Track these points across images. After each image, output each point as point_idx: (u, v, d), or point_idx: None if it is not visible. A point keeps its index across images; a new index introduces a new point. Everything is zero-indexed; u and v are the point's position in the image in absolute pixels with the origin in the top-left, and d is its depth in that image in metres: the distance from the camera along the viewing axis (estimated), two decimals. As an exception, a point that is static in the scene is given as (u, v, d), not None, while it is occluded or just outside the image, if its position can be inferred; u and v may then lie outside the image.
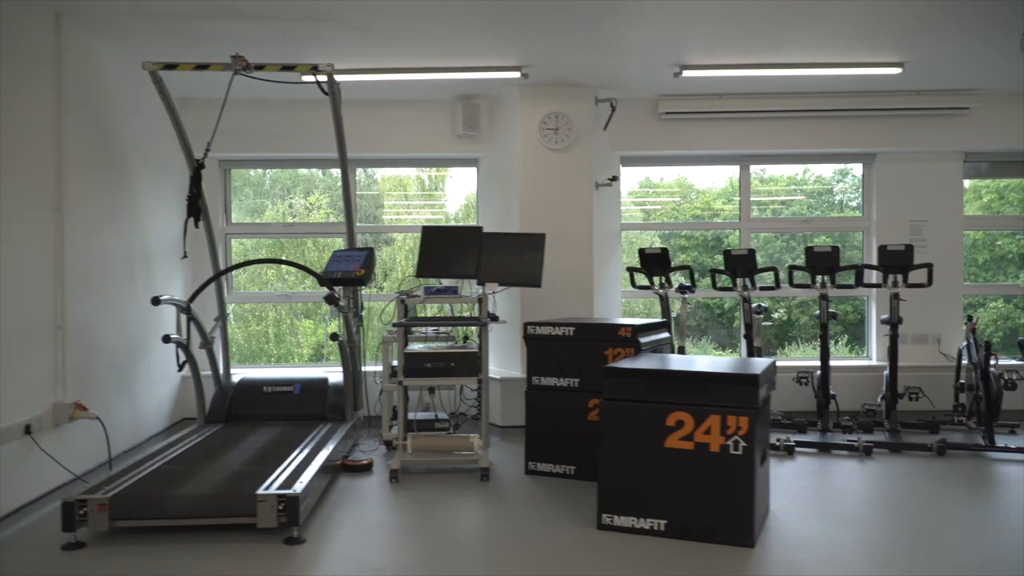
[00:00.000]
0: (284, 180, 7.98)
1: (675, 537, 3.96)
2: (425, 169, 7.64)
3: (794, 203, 7.81)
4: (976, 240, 7.83)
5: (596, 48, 5.69)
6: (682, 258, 7.87)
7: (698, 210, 7.86)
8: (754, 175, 7.49)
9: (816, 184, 7.93)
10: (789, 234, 7.89)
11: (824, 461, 5.56)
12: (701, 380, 3.95)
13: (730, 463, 3.86)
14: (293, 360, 7.97)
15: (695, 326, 8.08)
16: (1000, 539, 4.02)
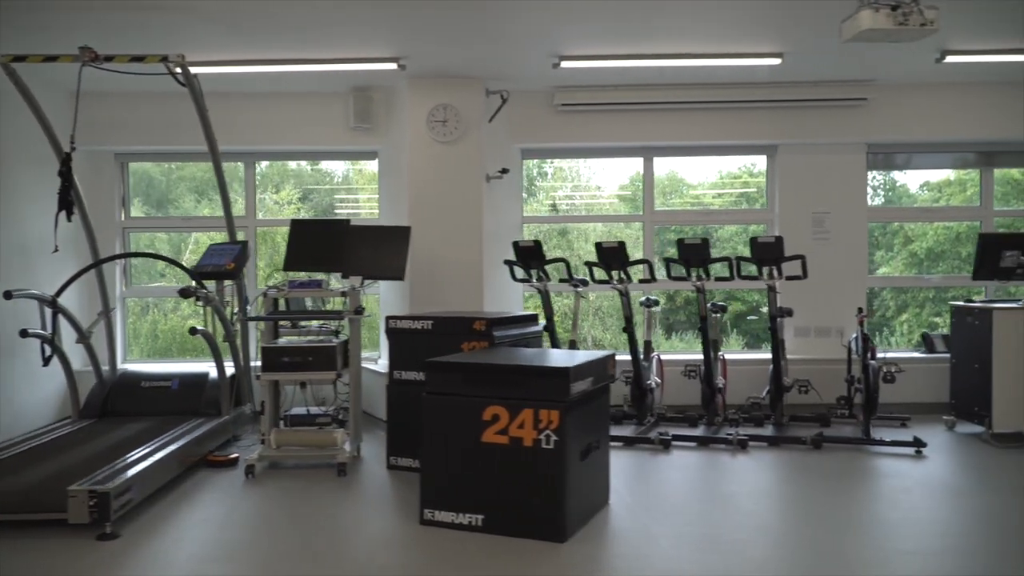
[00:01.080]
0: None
1: (492, 532, 3.92)
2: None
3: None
4: (960, 233, 7.74)
5: (473, 39, 5.63)
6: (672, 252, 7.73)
7: (688, 204, 7.77)
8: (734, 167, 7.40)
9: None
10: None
11: (697, 455, 5.52)
12: (515, 374, 3.91)
13: (543, 457, 3.82)
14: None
15: (685, 321, 7.99)
16: (823, 531, 3.97)
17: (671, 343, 7.97)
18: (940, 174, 7.82)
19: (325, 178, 7.96)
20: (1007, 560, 3.59)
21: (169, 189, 7.80)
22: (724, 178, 7.79)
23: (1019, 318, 5.66)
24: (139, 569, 3.54)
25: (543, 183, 8.06)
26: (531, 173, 7.99)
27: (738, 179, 7.86)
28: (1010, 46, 5.89)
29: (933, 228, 7.72)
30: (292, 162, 7.79)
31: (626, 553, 3.70)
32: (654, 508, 4.33)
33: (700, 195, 7.82)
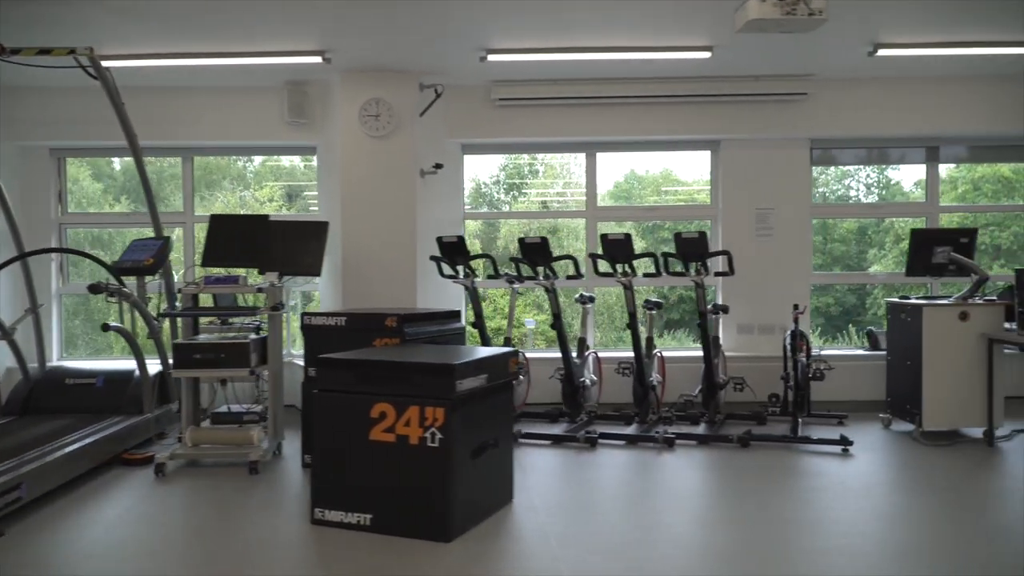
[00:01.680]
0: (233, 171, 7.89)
1: (380, 532, 3.85)
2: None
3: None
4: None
5: (397, 32, 5.57)
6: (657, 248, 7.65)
7: (682, 200, 7.67)
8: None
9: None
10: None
11: (624, 454, 5.46)
12: (401, 371, 3.84)
13: (428, 456, 3.76)
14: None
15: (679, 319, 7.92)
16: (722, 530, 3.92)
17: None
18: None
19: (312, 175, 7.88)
20: (895, 559, 3.53)
21: (161, 186, 7.75)
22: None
23: (949, 315, 5.59)
24: (13, 568, 3.47)
25: (534, 180, 7.99)
26: (522, 171, 7.94)
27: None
28: (942, 39, 5.79)
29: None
30: (284, 159, 7.69)
31: (510, 553, 3.64)
32: (558, 507, 4.27)
33: (695, 192, 7.73)
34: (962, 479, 4.78)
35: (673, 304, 7.71)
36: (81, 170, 7.88)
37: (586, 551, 3.63)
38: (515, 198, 7.61)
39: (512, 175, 7.83)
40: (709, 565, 3.49)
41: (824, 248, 7.73)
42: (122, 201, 7.72)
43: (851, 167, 7.51)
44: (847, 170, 7.62)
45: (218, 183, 8.02)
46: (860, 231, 8.66)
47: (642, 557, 3.57)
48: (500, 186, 7.78)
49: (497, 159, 7.64)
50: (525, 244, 5.83)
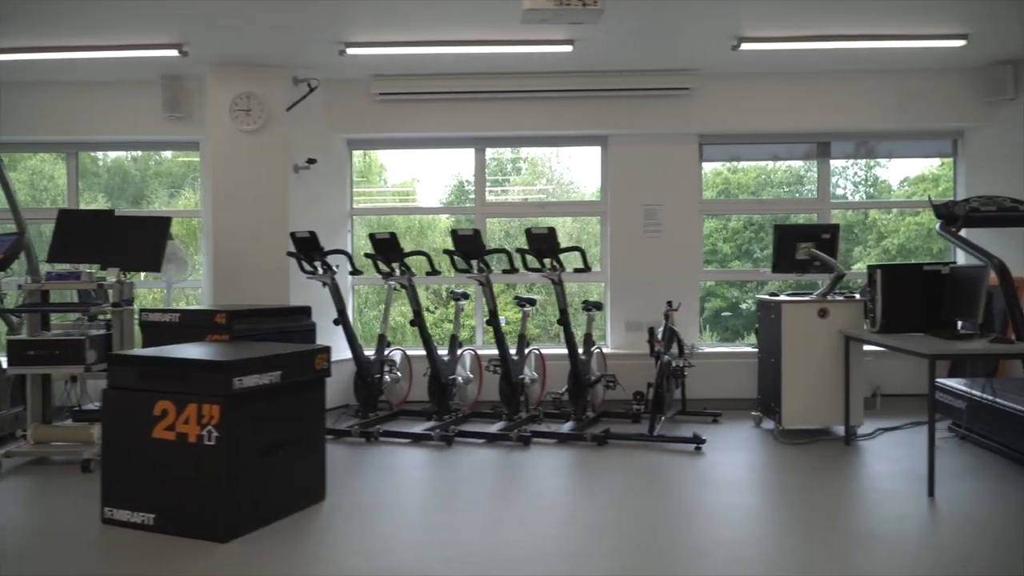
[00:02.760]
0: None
1: (163, 531, 3.79)
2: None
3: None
4: (931, 229, 7.55)
5: (254, 25, 5.51)
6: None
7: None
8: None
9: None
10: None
11: (478, 452, 5.40)
12: (181, 368, 3.78)
13: (206, 454, 3.69)
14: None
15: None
16: (508, 530, 3.86)
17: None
18: (914, 169, 7.62)
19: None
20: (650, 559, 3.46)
21: (145, 184, 7.70)
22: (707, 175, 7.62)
23: (807, 312, 5.52)
24: None
25: (517, 178, 7.92)
26: (504, 168, 7.89)
27: (719, 175, 7.70)
28: (807, 33, 5.72)
29: (905, 224, 7.57)
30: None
31: (277, 554, 3.57)
32: (368, 507, 4.21)
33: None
34: (802, 478, 4.71)
35: None
36: (57, 167, 7.83)
37: (352, 552, 3.58)
38: (496, 196, 7.55)
39: (495, 172, 7.75)
40: (469, 568, 3.41)
41: None
42: (98, 199, 7.67)
43: (749, 164, 7.39)
44: (835, 168, 7.50)
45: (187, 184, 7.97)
46: (847, 228, 8.59)
47: (412, 559, 3.51)
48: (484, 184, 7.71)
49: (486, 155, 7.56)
50: (376, 240, 5.78)
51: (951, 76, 6.69)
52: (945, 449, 5.28)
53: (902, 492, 4.37)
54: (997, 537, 3.69)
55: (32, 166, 7.60)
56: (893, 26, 5.66)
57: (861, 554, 3.50)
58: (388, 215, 7.52)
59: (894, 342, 4.67)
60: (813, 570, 3.33)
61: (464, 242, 5.74)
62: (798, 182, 7.77)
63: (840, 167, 7.53)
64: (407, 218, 7.78)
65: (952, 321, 4.90)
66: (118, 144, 7.20)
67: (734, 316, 7.88)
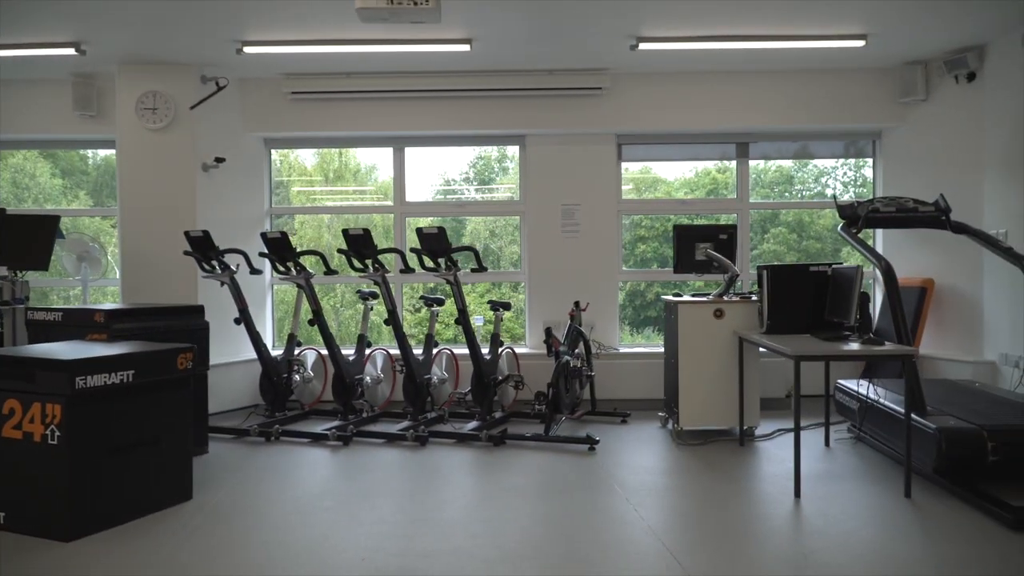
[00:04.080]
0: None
1: (12, 530, 3.78)
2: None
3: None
4: None
5: (152, 24, 5.49)
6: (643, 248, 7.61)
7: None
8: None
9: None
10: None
11: (376, 452, 5.39)
12: (27, 367, 3.76)
13: (49, 453, 3.68)
14: None
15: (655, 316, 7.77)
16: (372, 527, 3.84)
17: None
18: None
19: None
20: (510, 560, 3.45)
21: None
22: (699, 174, 7.59)
23: (703, 312, 5.52)
24: None
25: (504, 177, 7.90)
26: (492, 167, 7.88)
27: (708, 175, 7.68)
28: (701, 33, 5.72)
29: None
30: None
31: (120, 554, 3.56)
32: (230, 507, 4.19)
33: (673, 191, 7.62)
34: (684, 479, 4.71)
35: (650, 302, 7.61)
36: (39, 165, 7.80)
37: (200, 552, 3.55)
38: (483, 195, 7.55)
39: (482, 171, 7.74)
40: (304, 567, 3.40)
41: (799, 246, 7.63)
42: (80, 197, 7.64)
43: (663, 163, 7.39)
44: (824, 168, 7.49)
45: None
46: (834, 228, 8.57)
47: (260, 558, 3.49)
48: (471, 182, 7.70)
49: (467, 155, 7.54)
50: (268, 240, 5.76)
51: (866, 76, 6.70)
52: (837, 450, 5.29)
53: (772, 493, 4.36)
54: (848, 537, 3.68)
55: (15, 164, 7.57)
56: (792, 26, 5.65)
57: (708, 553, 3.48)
58: (312, 214, 7.50)
59: (774, 342, 4.66)
60: (657, 569, 3.31)
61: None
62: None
63: (830, 166, 7.51)
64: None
65: (837, 322, 4.89)
66: (30, 143, 7.15)
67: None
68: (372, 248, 5.64)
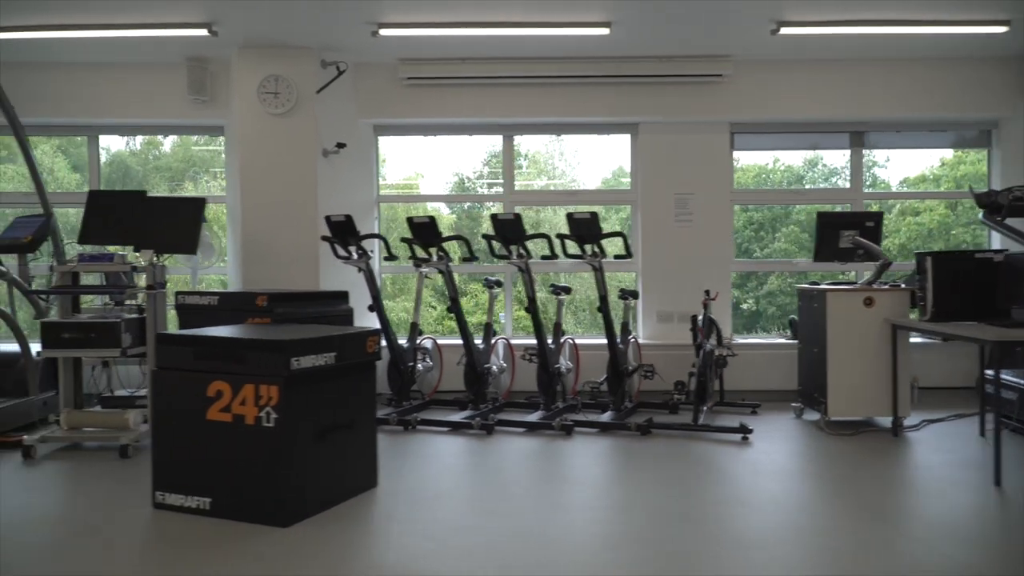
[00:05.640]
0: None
1: (220, 516, 3.67)
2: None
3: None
4: (932, 230, 7.48)
5: (286, 5, 5.36)
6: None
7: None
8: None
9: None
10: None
11: (521, 441, 5.29)
12: (237, 348, 3.66)
13: (264, 436, 3.57)
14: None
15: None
16: (560, 515, 3.74)
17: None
18: (914, 169, 7.53)
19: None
20: (754, 546, 3.36)
21: (146, 178, 7.52)
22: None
23: (853, 300, 5.43)
24: None
25: (519, 172, 7.80)
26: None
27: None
28: (847, 18, 5.65)
29: (906, 223, 7.49)
30: None
31: (343, 539, 3.46)
32: (422, 493, 4.09)
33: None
34: (854, 468, 4.62)
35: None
36: (57, 160, 7.67)
37: (422, 536, 3.46)
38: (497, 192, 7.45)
39: (495, 167, 7.64)
40: (538, 550, 3.31)
41: (812, 245, 7.56)
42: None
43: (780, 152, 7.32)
44: (834, 168, 7.44)
45: (198, 175, 7.83)
46: None
47: (477, 543, 3.40)
48: (484, 180, 7.61)
49: (480, 153, 7.46)
50: (414, 224, 5.66)
51: (987, 66, 6.64)
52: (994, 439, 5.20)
53: (965, 481, 4.28)
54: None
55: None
56: (935, 11, 5.58)
57: (932, 541, 3.40)
58: (416, 203, 7.39)
59: (949, 330, 4.58)
60: (886, 558, 3.23)
61: (505, 227, 5.63)
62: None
63: (840, 167, 7.46)
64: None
65: (1006, 309, 4.81)
66: (140, 128, 7.04)
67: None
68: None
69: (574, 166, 7.55)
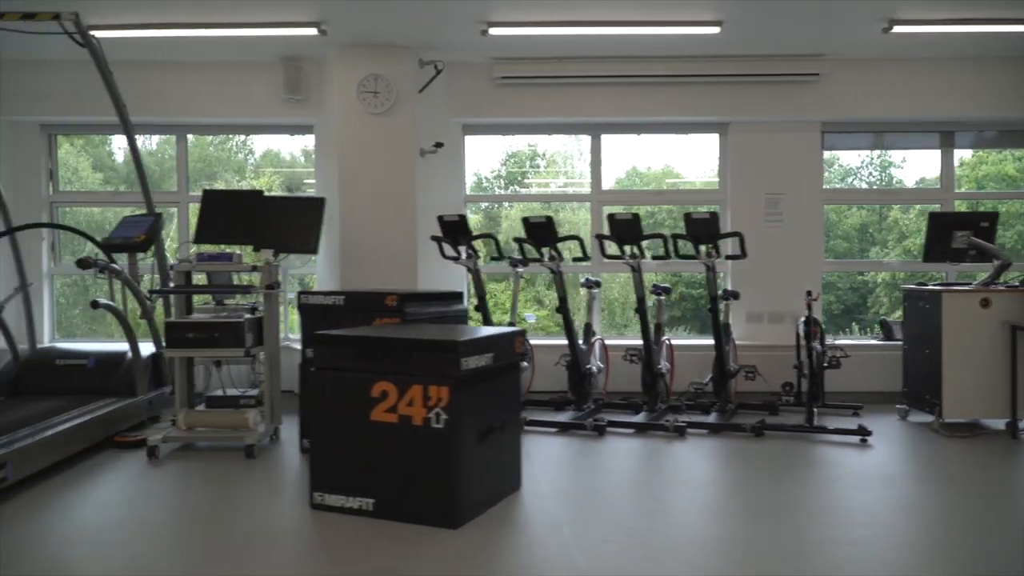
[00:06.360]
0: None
1: (383, 517, 3.65)
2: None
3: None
4: None
5: (397, 3, 5.34)
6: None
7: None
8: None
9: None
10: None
11: (634, 443, 5.26)
12: (403, 348, 3.64)
13: (433, 437, 3.55)
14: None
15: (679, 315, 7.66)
16: (742, 519, 3.71)
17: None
18: (932, 171, 7.46)
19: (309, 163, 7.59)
20: (917, 551, 3.33)
21: (163, 178, 7.50)
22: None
23: (969, 301, 5.40)
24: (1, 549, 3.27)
25: (534, 175, 7.79)
26: (523, 164, 7.76)
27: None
28: (962, 15, 5.60)
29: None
30: (285, 152, 7.49)
31: (522, 541, 3.44)
32: (566, 495, 4.07)
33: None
34: (983, 471, 4.58)
35: (674, 301, 7.48)
36: (81, 159, 7.66)
37: (599, 539, 3.43)
38: (516, 192, 7.40)
39: (513, 169, 7.61)
40: (726, 554, 3.29)
41: (827, 245, 7.54)
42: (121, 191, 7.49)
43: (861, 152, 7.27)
44: (849, 168, 7.41)
45: (219, 174, 7.82)
46: (862, 228, 8.47)
47: (657, 545, 3.38)
48: (501, 180, 7.57)
49: (498, 152, 7.43)
50: (529, 224, 5.63)
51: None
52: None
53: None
54: None
55: (61, 158, 7.39)
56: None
57: None
58: (499, 202, 7.36)
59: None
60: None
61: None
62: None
63: (855, 167, 7.44)
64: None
65: None
66: (228, 127, 7.01)
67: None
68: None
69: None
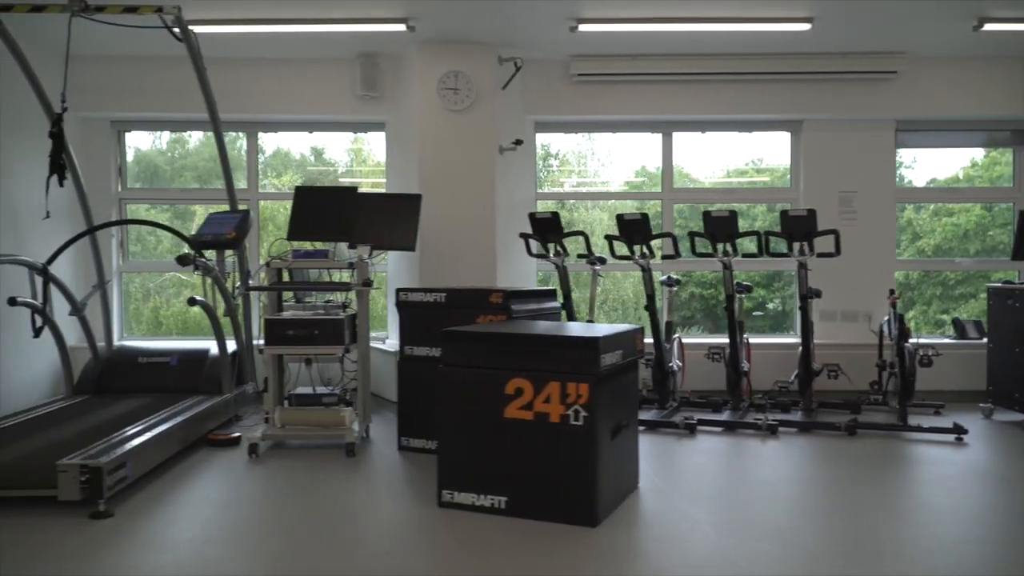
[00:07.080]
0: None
1: (516, 515, 3.62)
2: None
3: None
4: (968, 230, 7.39)
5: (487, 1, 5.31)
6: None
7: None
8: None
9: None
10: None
11: (725, 440, 5.23)
12: (540, 344, 3.61)
13: (571, 434, 3.52)
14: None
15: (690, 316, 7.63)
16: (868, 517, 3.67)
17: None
18: (944, 170, 7.44)
19: (328, 166, 7.59)
20: None
21: (173, 177, 7.47)
22: (731, 174, 7.44)
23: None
24: (135, 550, 3.25)
25: (548, 175, 7.74)
26: (537, 165, 7.69)
27: (744, 174, 7.52)
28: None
29: (941, 225, 7.42)
30: (296, 151, 7.44)
31: (664, 537, 3.41)
32: (687, 492, 4.05)
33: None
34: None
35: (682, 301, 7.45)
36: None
37: (750, 538, 3.40)
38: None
39: (541, 170, 7.60)
40: (877, 552, 3.26)
41: None
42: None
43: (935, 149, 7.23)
44: None
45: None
46: None
47: (806, 544, 3.35)
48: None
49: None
50: (624, 221, 5.60)
51: None
52: None
53: None
54: None
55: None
56: None
57: None
58: (570, 199, 7.34)
59: None
60: None
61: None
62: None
63: None
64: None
65: None
66: (301, 124, 6.98)
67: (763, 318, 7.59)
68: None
69: (607, 165, 7.47)
